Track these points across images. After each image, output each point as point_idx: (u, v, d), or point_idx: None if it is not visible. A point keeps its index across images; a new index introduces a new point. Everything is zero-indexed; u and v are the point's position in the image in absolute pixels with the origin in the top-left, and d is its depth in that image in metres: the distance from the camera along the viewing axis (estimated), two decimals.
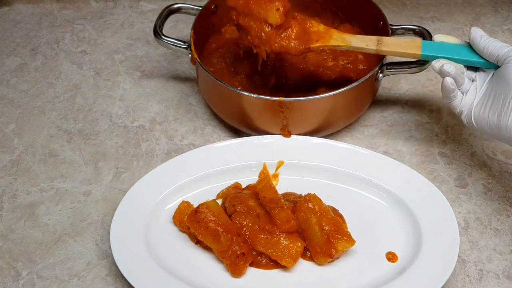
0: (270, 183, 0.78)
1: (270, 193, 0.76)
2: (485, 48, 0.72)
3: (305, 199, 0.75)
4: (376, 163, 0.82)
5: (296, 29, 0.78)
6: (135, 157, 0.89)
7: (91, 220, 0.81)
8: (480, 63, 0.74)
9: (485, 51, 0.72)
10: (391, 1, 1.13)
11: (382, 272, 0.72)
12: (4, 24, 1.13)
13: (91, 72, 1.03)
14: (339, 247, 0.71)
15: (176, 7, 0.95)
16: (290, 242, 0.72)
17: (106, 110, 0.96)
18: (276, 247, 0.72)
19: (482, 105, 0.71)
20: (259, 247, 0.72)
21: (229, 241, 0.72)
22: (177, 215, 0.77)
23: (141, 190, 0.79)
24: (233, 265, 0.72)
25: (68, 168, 0.88)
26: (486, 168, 0.85)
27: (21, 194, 0.85)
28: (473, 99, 0.73)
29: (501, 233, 0.78)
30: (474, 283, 0.73)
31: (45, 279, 0.75)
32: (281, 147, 0.84)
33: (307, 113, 0.83)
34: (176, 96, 0.98)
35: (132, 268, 0.71)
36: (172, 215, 0.78)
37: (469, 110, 0.73)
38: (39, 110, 0.96)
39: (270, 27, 0.77)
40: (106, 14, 1.14)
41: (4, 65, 1.05)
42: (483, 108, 0.70)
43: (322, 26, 0.81)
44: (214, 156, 0.83)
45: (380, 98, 0.96)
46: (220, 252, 0.73)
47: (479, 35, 0.73)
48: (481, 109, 0.71)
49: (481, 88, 0.72)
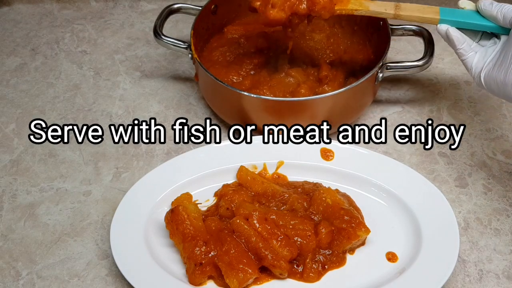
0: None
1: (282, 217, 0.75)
2: (498, 13, 0.73)
3: (319, 192, 0.75)
4: (376, 163, 0.82)
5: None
6: (135, 157, 0.89)
7: (91, 220, 0.81)
8: (494, 28, 0.75)
9: (499, 15, 0.73)
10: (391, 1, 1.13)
11: (382, 272, 0.72)
12: (4, 24, 1.13)
13: (91, 72, 1.03)
14: (354, 236, 0.72)
15: (176, 7, 0.95)
16: (244, 266, 0.70)
17: (106, 110, 0.96)
18: (229, 266, 0.70)
19: (493, 65, 0.72)
20: (217, 260, 0.71)
21: (192, 247, 0.71)
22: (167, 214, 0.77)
23: (141, 190, 0.79)
24: (190, 273, 0.71)
25: (68, 168, 0.88)
26: (486, 168, 0.85)
27: (21, 194, 0.85)
28: (485, 60, 0.74)
29: (501, 233, 0.78)
30: (474, 283, 0.73)
31: (45, 279, 0.75)
32: (281, 147, 0.84)
33: (307, 113, 0.83)
34: (176, 96, 0.98)
35: (132, 268, 0.71)
36: None
37: (480, 69, 0.74)
38: (39, 110, 0.96)
39: None
40: (106, 14, 1.14)
41: (4, 65, 1.05)
42: (493, 67, 0.72)
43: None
44: (214, 156, 0.83)
45: (380, 98, 0.96)
46: (183, 257, 0.73)
47: (489, 2, 0.75)
48: (491, 69, 0.72)
49: (493, 51, 0.74)
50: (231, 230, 0.72)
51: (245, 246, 0.71)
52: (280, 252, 0.71)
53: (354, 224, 0.73)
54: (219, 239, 0.72)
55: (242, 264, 0.69)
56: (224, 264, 0.70)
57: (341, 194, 0.78)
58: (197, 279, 0.71)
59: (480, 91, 0.96)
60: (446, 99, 0.96)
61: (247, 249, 0.71)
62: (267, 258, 0.70)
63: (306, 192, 0.78)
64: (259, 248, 0.70)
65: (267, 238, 0.71)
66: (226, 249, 0.70)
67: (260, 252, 0.70)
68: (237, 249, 0.71)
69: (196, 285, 0.71)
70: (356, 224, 0.73)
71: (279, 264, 0.70)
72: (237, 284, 0.69)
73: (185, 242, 0.72)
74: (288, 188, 0.80)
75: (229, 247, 0.71)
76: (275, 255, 0.70)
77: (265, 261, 0.70)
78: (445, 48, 1.04)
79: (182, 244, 0.72)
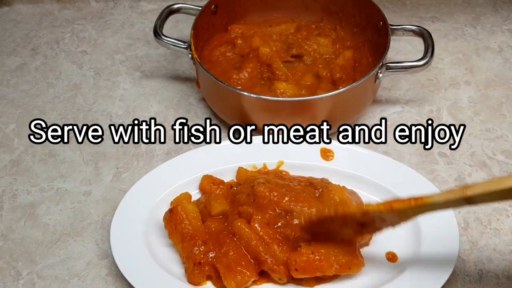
0: None
1: None
2: None
3: (328, 190, 0.75)
4: (376, 163, 0.82)
5: None
6: (135, 157, 0.89)
7: (91, 220, 0.81)
8: None
9: None
10: (391, 1, 1.13)
11: (382, 272, 0.72)
12: (4, 24, 1.13)
13: (91, 72, 1.03)
14: None
15: (176, 7, 0.95)
16: (243, 268, 0.70)
17: (106, 110, 0.96)
18: (227, 267, 0.70)
19: None
20: (216, 262, 0.71)
21: (191, 247, 0.71)
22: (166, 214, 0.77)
23: (141, 190, 0.79)
24: (189, 272, 0.71)
25: (68, 168, 0.88)
26: (486, 168, 0.85)
27: (21, 194, 0.85)
28: None
29: (501, 233, 0.78)
30: (474, 283, 0.73)
31: (45, 279, 0.75)
32: (281, 147, 0.84)
33: (307, 113, 0.83)
34: (176, 96, 0.98)
35: (132, 268, 0.71)
36: None
37: None
38: (39, 110, 0.96)
39: None
40: (106, 14, 1.14)
41: (4, 65, 1.05)
42: None
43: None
44: (214, 156, 0.83)
45: (380, 98, 0.96)
46: (182, 257, 0.73)
47: None
48: None
49: None
50: (231, 232, 0.72)
51: (244, 249, 0.71)
52: (280, 257, 0.70)
53: None
54: (218, 241, 0.72)
55: (240, 267, 0.69)
56: (223, 265, 0.70)
57: (349, 192, 0.78)
58: (196, 278, 0.71)
59: (480, 91, 0.96)
60: (446, 99, 0.96)
61: (247, 252, 0.71)
62: (267, 262, 0.70)
63: (313, 186, 0.78)
64: (259, 252, 0.70)
65: (268, 243, 0.71)
66: (225, 251, 0.70)
67: (260, 256, 0.70)
68: (236, 251, 0.70)
69: (195, 284, 0.71)
70: None
71: (279, 269, 0.70)
72: (235, 286, 0.69)
73: (184, 242, 0.72)
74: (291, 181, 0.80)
75: (228, 248, 0.70)
76: (275, 259, 0.70)
77: (264, 265, 0.70)
78: (445, 48, 1.04)
79: (181, 244, 0.72)
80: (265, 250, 0.70)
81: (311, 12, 1.02)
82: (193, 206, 0.75)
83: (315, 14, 1.02)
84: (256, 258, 0.70)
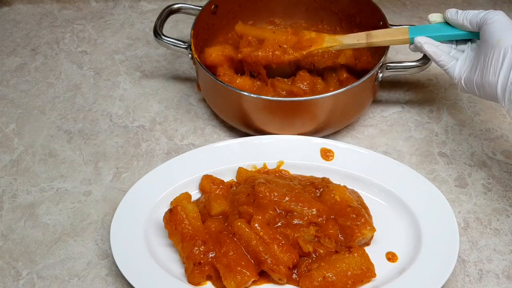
0: None
1: None
2: (464, 20, 0.77)
3: (329, 189, 0.76)
4: (376, 163, 0.82)
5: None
6: (135, 157, 0.89)
7: (91, 220, 0.81)
8: (464, 35, 0.78)
9: (465, 22, 0.77)
10: (391, 1, 1.13)
11: (382, 272, 0.72)
12: (4, 24, 1.13)
13: (91, 72, 1.03)
14: (358, 234, 0.72)
15: (176, 7, 0.95)
16: (242, 268, 0.70)
17: (106, 110, 0.96)
18: (227, 267, 0.70)
19: (470, 69, 0.75)
20: (216, 262, 0.71)
21: (191, 247, 0.71)
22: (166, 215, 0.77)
23: (141, 190, 0.79)
24: (189, 272, 0.71)
25: (68, 168, 0.88)
26: (486, 168, 0.85)
27: (21, 194, 0.85)
28: (465, 67, 0.77)
29: (501, 233, 0.78)
30: (474, 283, 0.73)
31: (45, 279, 0.75)
32: (281, 147, 0.84)
33: (307, 113, 0.83)
34: (176, 96, 0.98)
35: (132, 268, 0.71)
36: None
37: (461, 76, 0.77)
38: (39, 110, 0.96)
39: None
40: (106, 14, 1.14)
41: (4, 65, 1.05)
42: (471, 71, 0.75)
43: (313, 33, 0.88)
44: (214, 156, 0.83)
45: (380, 98, 0.96)
46: (182, 257, 0.73)
47: (455, 12, 0.78)
48: (470, 73, 0.75)
49: (471, 57, 0.77)
50: (231, 232, 0.72)
51: (244, 249, 0.71)
52: (280, 257, 0.70)
53: (359, 222, 0.72)
54: (218, 241, 0.72)
55: (240, 267, 0.69)
56: (222, 265, 0.70)
57: (349, 191, 0.78)
58: (196, 278, 0.71)
59: None
60: (446, 99, 0.96)
61: (247, 252, 0.71)
62: (267, 262, 0.70)
63: (314, 185, 0.78)
64: (259, 252, 0.70)
65: (268, 243, 0.71)
66: (225, 251, 0.70)
67: (260, 256, 0.70)
68: (236, 252, 0.70)
69: (195, 284, 0.71)
70: (361, 223, 0.73)
71: (279, 269, 0.70)
72: (235, 286, 0.69)
73: (183, 242, 0.72)
74: (292, 180, 0.80)
75: (228, 248, 0.70)
76: (275, 259, 0.70)
77: (264, 265, 0.70)
78: None
79: (181, 244, 0.72)
80: (265, 250, 0.70)
81: (311, 12, 1.02)
82: (193, 206, 0.75)
83: (315, 14, 1.02)
84: (256, 258, 0.70)
